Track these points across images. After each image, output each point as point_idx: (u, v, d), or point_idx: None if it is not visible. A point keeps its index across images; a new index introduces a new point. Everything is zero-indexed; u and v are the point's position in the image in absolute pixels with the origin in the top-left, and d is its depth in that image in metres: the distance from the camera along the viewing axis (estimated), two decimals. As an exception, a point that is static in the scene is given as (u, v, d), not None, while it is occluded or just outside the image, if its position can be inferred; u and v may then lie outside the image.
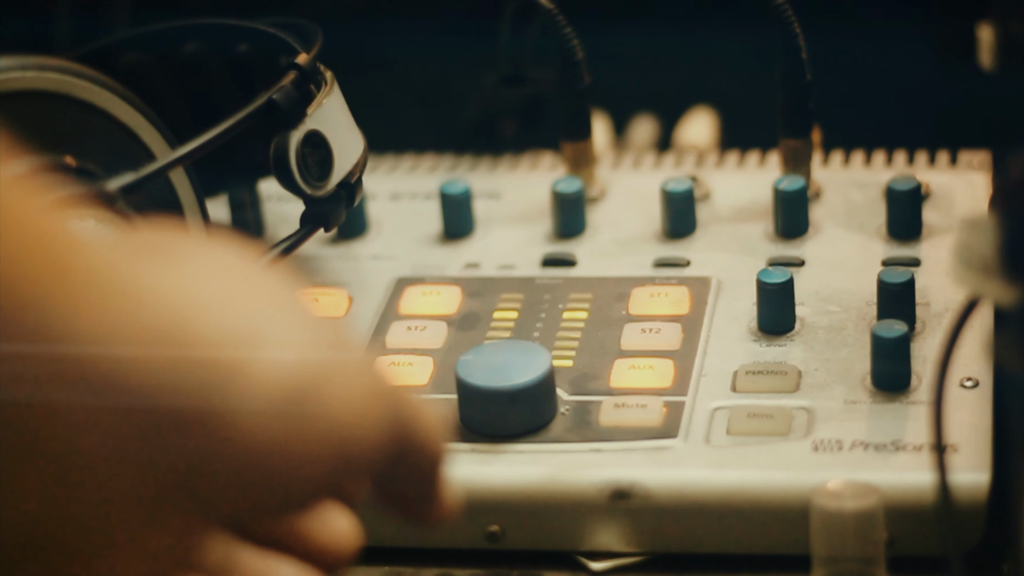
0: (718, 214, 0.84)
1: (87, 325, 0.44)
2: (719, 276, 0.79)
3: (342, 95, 0.74)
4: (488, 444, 0.69)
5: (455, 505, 0.54)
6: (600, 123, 0.98)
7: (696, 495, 0.66)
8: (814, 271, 0.78)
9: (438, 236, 0.84)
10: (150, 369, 0.45)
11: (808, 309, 0.75)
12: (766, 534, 0.66)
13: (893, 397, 0.69)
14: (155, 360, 0.45)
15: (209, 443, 0.46)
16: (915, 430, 0.67)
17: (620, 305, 0.77)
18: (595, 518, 0.67)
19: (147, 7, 0.91)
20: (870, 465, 0.66)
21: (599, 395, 0.71)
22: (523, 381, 0.69)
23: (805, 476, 0.65)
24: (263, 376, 0.47)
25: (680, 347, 0.74)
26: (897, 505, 0.63)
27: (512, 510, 0.68)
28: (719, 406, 0.70)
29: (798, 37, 0.81)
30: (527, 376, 0.69)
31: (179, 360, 0.45)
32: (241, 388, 0.47)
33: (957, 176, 0.85)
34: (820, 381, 0.71)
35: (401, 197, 0.89)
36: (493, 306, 0.78)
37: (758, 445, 0.68)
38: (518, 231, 0.84)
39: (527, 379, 0.69)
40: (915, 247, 0.79)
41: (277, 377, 0.47)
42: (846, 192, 0.84)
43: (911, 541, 0.64)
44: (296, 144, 0.70)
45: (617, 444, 0.69)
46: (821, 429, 0.68)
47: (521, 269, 0.81)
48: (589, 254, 0.82)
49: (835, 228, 0.82)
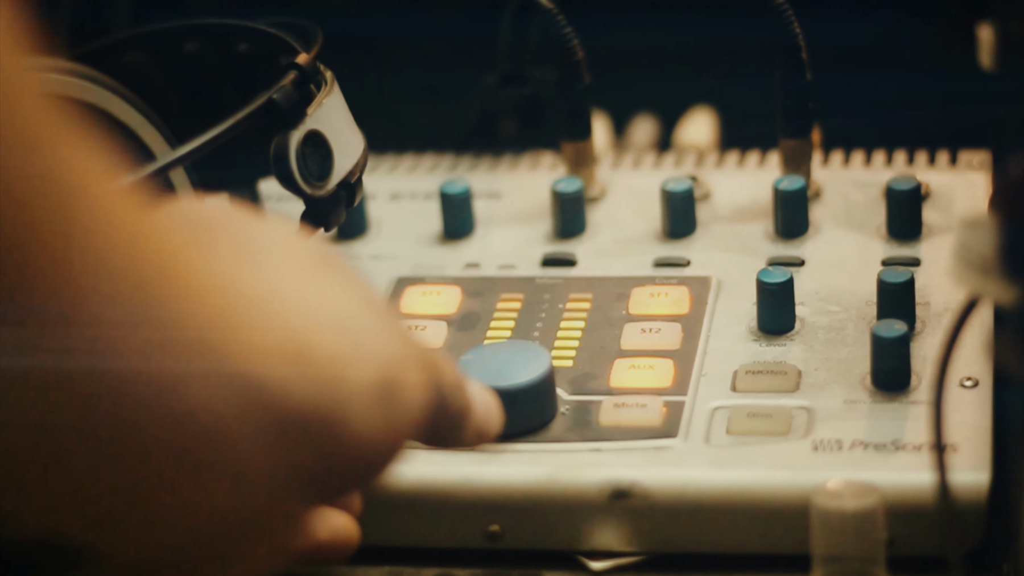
0: (718, 214, 0.84)
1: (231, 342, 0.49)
2: (719, 276, 0.79)
3: (342, 95, 0.74)
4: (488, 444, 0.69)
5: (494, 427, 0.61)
6: (600, 123, 0.98)
7: (696, 495, 0.66)
8: (814, 271, 0.78)
9: (438, 236, 0.84)
10: (278, 377, 0.50)
11: (808, 309, 0.75)
12: (766, 534, 0.66)
13: (893, 397, 0.69)
14: (280, 366, 0.50)
15: (333, 442, 0.51)
16: (915, 430, 0.67)
17: (620, 305, 0.77)
18: (595, 518, 0.67)
19: (147, 7, 0.91)
20: (870, 465, 0.66)
21: (599, 395, 0.71)
22: (523, 381, 0.69)
23: (805, 476, 0.65)
24: (369, 374, 0.52)
25: (680, 347, 0.74)
26: (897, 505, 0.63)
27: (512, 510, 0.68)
28: (719, 406, 0.70)
29: (798, 37, 0.81)
30: (527, 376, 0.69)
31: (299, 366, 0.50)
32: (354, 390, 0.52)
33: (957, 176, 0.85)
34: (820, 381, 0.71)
35: (401, 197, 0.89)
36: (493, 306, 0.78)
37: (758, 445, 0.68)
38: (518, 231, 0.84)
39: (527, 379, 0.69)
40: (915, 247, 0.79)
41: (381, 373, 0.53)
42: (846, 192, 0.85)
43: (911, 541, 0.64)
44: (296, 144, 0.70)
45: (617, 444, 0.69)
46: (821, 429, 0.68)
47: (521, 269, 0.81)
48: (589, 254, 0.82)
49: (835, 228, 0.82)
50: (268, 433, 0.49)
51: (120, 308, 0.46)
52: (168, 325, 0.47)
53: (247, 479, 0.49)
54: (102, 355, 0.45)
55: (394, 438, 0.55)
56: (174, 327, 0.47)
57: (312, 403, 0.50)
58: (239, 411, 0.48)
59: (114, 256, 0.46)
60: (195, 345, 0.47)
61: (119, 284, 0.46)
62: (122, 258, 0.46)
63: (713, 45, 0.99)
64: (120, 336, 0.46)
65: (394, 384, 0.54)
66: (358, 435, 0.52)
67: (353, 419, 0.52)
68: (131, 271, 0.46)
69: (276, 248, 0.54)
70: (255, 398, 0.49)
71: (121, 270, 0.46)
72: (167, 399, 0.47)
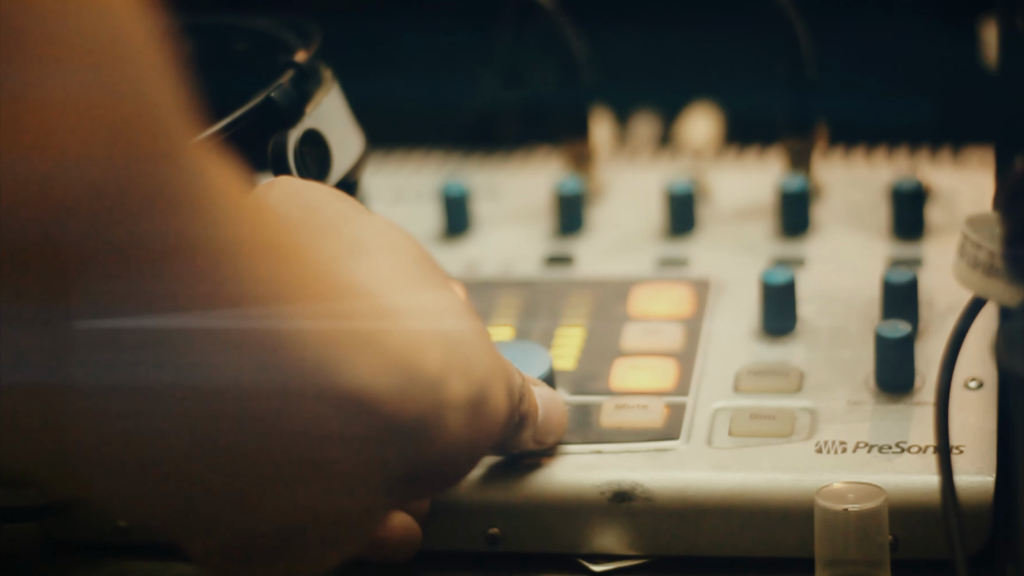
0: (719, 213, 0.84)
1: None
2: (720, 276, 0.78)
3: (341, 93, 0.74)
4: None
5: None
6: (601, 122, 0.98)
7: (698, 497, 0.66)
8: (816, 271, 0.78)
9: (438, 236, 0.84)
10: (387, 391, 0.52)
11: (810, 309, 0.75)
12: (769, 537, 0.66)
13: (897, 398, 0.69)
14: (389, 379, 0.52)
15: (428, 449, 0.55)
16: (919, 431, 0.67)
17: (620, 305, 0.77)
18: (596, 520, 0.67)
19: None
20: (874, 467, 0.65)
21: (600, 396, 0.71)
22: (523, 382, 0.69)
23: (808, 478, 0.65)
24: (466, 386, 0.56)
25: (681, 347, 0.74)
26: (901, 507, 0.63)
27: (512, 512, 0.67)
28: (721, 407, 0.70)
29: (800, 35, 0.81)
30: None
31: (406, 379, 0.53)
32: (452, 401, 0.55)
33: (961, 175, 0.85)
34: (823, 382, 0.71)
35: (401, 197, 0.89)
36: (493, 306, 0.78)
37: (761, 446, 0.67)
38: (518, 231, 0.84)
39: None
40: (919, 246, 0.79)
41: (475, 384, 0.56)
42: (848, 191, 0.84)
43: (915, 543, 0.64)
44: (294, 143, 0.70)
45: (618, 446, 0.68)
46: (824, 430, 0.68)
47: (521, 269, 0.81)
48: (589, 254, 0.82)
49: (837, 227, 0.82)
50: (371, 440, 0.52)
51: (235, 309, 0.47)
52: (281, 336, 0.48)
53: (345, 481, 0.52)
54: (217, 364, 0.47)
55: (480, 445, 0.58)
56: (287, 338, 0.49)
57: (415, 414, 0.53)
58: (346, 421, 0.51)
59: (231, 254, 0.47)
60: (308, 358, 0.49)
61: (235, 280, 0.47)
62: (237, 255, 0.47)
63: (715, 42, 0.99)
64: (233, 343, 0.47)
65: (485, 394, 0.57)
66: (450, 443, 0.55)
67: (448, 428, 0.55)
68: (245, 266, 0.48)
69: (381, 247, 0.57)
70: (363, 410, 0.51)
71: (237, 267, 0.47)
72: (279, 410, 0.49)
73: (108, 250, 0.43)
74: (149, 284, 0.45)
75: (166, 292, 0.45)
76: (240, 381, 0.48)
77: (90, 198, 0.43)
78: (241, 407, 0.48)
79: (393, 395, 0.52)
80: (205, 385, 0.47)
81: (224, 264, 0.47)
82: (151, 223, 0.44)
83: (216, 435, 0.48)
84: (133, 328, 0.45)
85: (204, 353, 0.47)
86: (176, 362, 0.46)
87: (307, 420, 0.50)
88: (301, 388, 0.49)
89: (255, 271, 0.48)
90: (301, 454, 0.50)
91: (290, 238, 0.52)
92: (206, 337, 0.46)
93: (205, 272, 0.46)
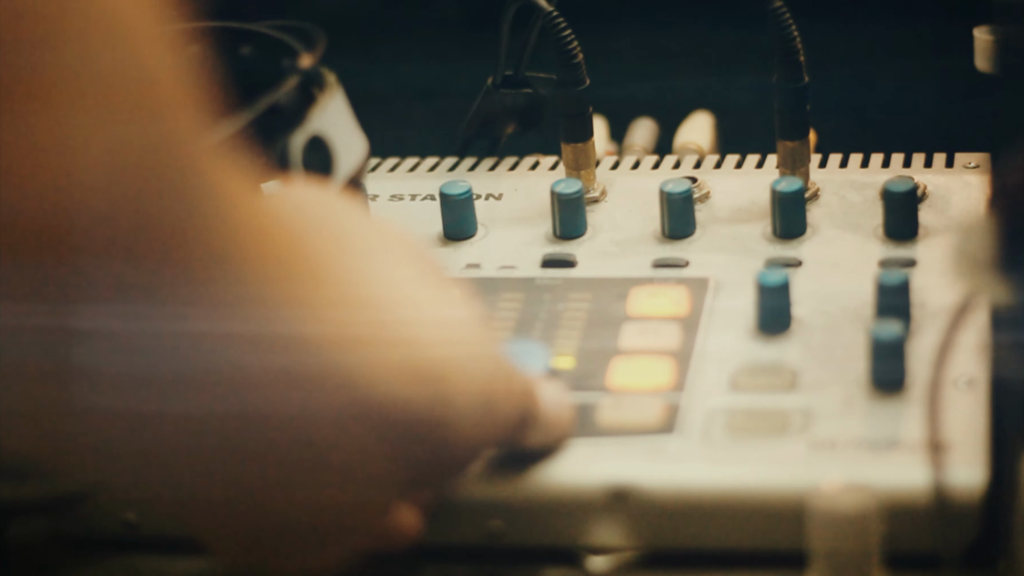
0: (717, 215, 0.84)
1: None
2: (717, 276, 0.79)
3: (345, 97, 0.74)
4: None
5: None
6: (600, 125, 0.98)
7: (694, 493, 0.67)
8: (811, 271, 0.79)
9: (438, 237, 0.85)
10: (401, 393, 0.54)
11: (805, 309, 0.76)
12: (763, 531, 0.66)
13: (889, 396, 0.70)
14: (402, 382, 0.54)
15: (438, 447, 0.56)
16: (911, 429, 0.67)
17: (619, 305, 0.77)
18: (594, 515, 0.67)
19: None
20: (866, 463, 0.66)
21: (598, 393, 0.71)
22: (523, 380, 0.69)
23: (802, 474, 0.66)
24: (475, 386, 0.57)
25: (678, 347, 0.74)
26: (893, 503, 0.63)
27: (512, 507, 0.68)
28: (717, 405, 0.70)
29: (796, 40, 0.82)
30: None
31: (419, 382, 0.54)
32: (462, 401, 0.56)
33: (954, 177, 0.85)
34: (817, 380, 0.71)
35: (401, 197, 0.89)
36: (493, 306, 0.78)
37: (755, 443, 0.68)
38: (518, 232, 0.84)
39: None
40: (912, 248, 0.80)
41: (483, 384, 0.58)
42: (843, 193, 0.85)
43: (907, 539, 0.64)
44: (299, 147, 0.70)
45: (617, 441, 0.69)
46: (818, 428, 0.68)
47: (521, 270, 0.81)
48: (589, 255, 0.82)
49: (832, 229, 0.82)
50: (384, 439, 0.53)
51: (247, 309, 0.48)
52: (296, 340, 0.50)
53: (357, 477, 0.54)
54: (235, 364, 0.49)
55: (485, 443, 0.60)
56: (302, 342, 0.50)
57: (427, 415, 0.55)
58: (357, 422, 0.52)
59: (241, 254, 0.48)
60: (322, 363, 0.51)
61: (246, 281, 0.48)
62: (246, 255, 0.49)
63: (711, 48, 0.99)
64: (250, 345, 0.49)
65: (493, 394, 0.58)
66: (458, 442, 0.57)
67: (458, 427, 0.57)
68: (254, 268, 0.49)
69: (387, 252, 0.58)
70: (373, 411, 0.53)
71: (245, 269, 0.48)
72: (293, 410, 0.50)
73: (130, 256, 0.44)
74: (165, 285, 0.45)
75: (182, 293, 0.46)
76: (258, 380, 0.49)
77: (108, 207, 0.43)
78: (256, 406, 0.49)
79: (402, 397, 0.53)
80: (223, 382, 0.48)
81: (237, 269, 0.47)
82: (169, 231, 0.45)
83: (232, 431, 0.49)
84: (152, 327, 0.46)
85: (223, 352, 0.47)
86: (196, 359, 0.47)
87: (320, 420, 0.51)
88: (315, 390, 0.50)
89: (267, 275, 0.48)
90: (313, 451, 0.51)
91: (299, 242, 0.52)
92: (223, 338, 0.47)
93: (217, 276, 0.47)
